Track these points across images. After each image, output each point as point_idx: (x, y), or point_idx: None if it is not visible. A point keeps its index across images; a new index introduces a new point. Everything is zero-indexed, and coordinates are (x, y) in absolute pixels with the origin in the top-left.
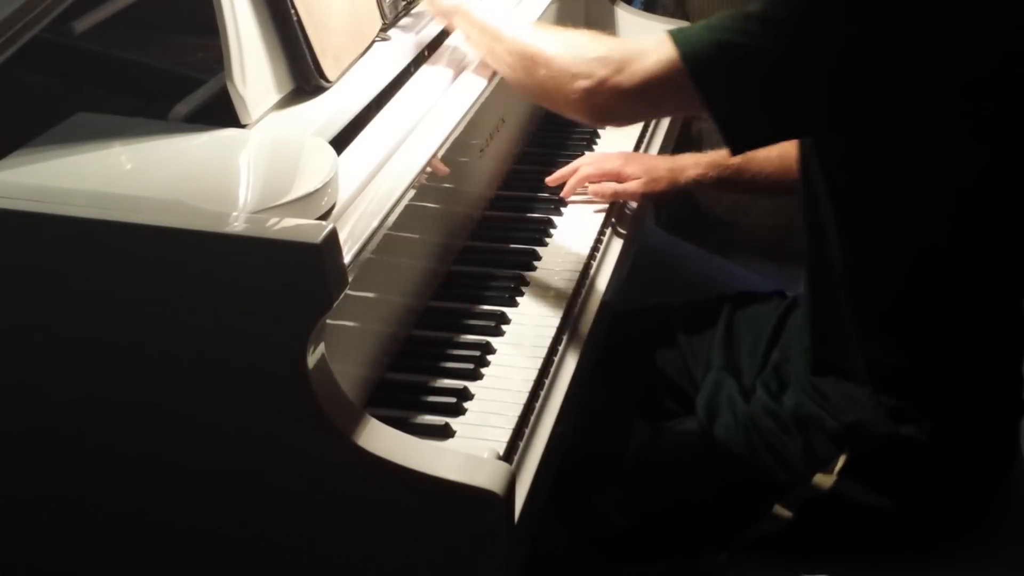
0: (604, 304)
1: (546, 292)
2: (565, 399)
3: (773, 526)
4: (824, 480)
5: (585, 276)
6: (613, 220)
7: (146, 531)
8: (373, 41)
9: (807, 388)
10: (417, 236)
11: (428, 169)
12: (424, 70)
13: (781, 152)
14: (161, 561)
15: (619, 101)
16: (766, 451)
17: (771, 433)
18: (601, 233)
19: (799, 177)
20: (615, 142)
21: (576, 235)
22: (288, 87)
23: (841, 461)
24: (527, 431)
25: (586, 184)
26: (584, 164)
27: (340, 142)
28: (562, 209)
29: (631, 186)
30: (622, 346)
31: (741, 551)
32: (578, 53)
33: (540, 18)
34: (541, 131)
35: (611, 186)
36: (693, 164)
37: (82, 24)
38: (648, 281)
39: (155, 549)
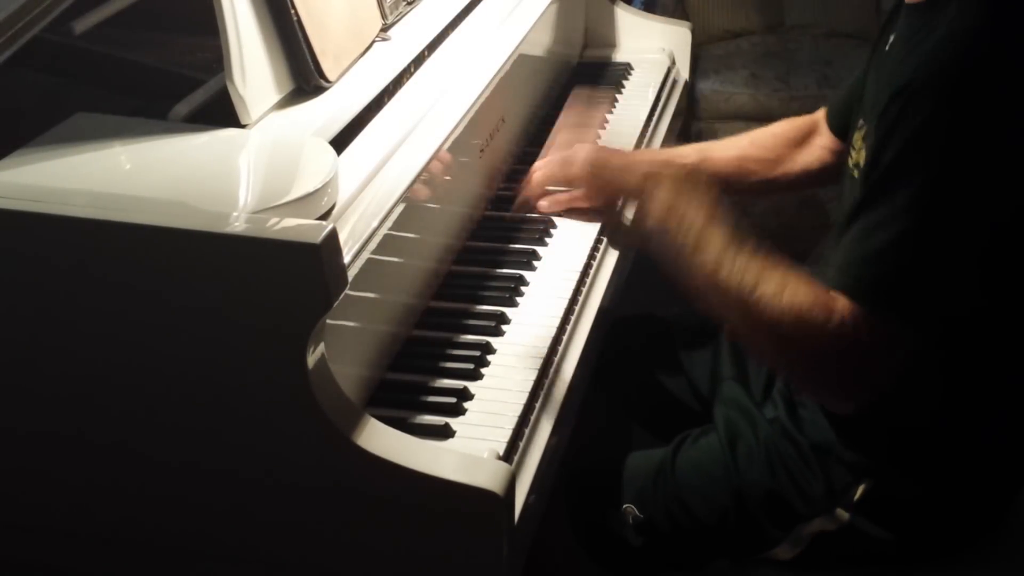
0: (604, 304)
1: (546, 292)
2: (565, 399)
3: (785, 554)
4: (842, 514)
5: (585, 276)
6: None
7: (145, 531)
8: (373, 41)
9: (823, 410)
10: (417, 236)
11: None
12: (424, 70)
13: (741, 152)
14: (160, 561)
15: (854, 388)
16: (788, 482)
17: (792, 462)
18: (601, 233)
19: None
20: (616, 141)
21: (576, 235)
22: (288, 87)
23: (859, 491)
24: (527, 431)
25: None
26: (537, 171)
27: (340, 142)
28: None
29: (577, 195)
30: (621, 355)
31: (750, 563)
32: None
33: (540, 18)
34: (541, 131)
35: (566, 197)
36: (648, 162)
37: (82, 24)
38: (648, 281)
39: (154, 549)
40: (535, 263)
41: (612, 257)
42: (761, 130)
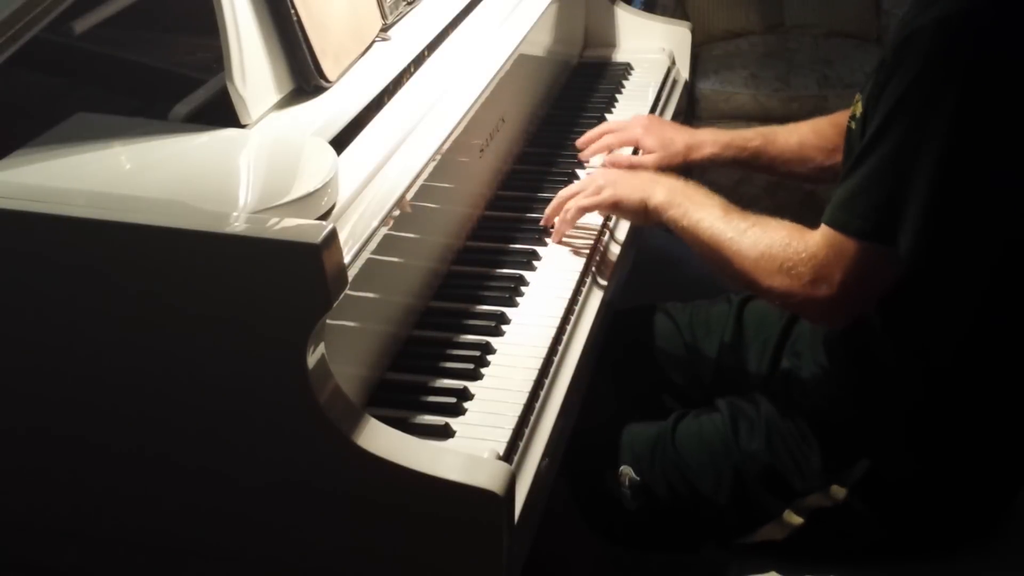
0: (604, 304)
1: (546, 292)
2: (565, 399)
3: (780, 531)
4: (838, 491)
5: (585, 275)
6: (613, 219)
7: (145, 531)
8: (373, 41)
9: (825, 393)
10: (417, 236)
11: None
12: (424, 70)
13: (801, 139)
14: (160, 561)
15: (830, 311)
16: (787, 457)
17: (791, 438)
18: (601, 233)
19: None
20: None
21: (576, 234)
22: (288, 87)
23: (857, 471)
24: (527, 431)
25: (604, 151)
26: (608, 131)
27: (340, 142)
28: None
29: (647, 160)
30: (623, 344)
31: (743, 549)
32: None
33: (540, 18)
34: (541, 131)
35: (627, 158)
36: (711, 142)
37: (82, 24)
38: (648, 280)
39: (154, 549)
40: (535, 263)
41: (613, 255)
42: (823, 118)
